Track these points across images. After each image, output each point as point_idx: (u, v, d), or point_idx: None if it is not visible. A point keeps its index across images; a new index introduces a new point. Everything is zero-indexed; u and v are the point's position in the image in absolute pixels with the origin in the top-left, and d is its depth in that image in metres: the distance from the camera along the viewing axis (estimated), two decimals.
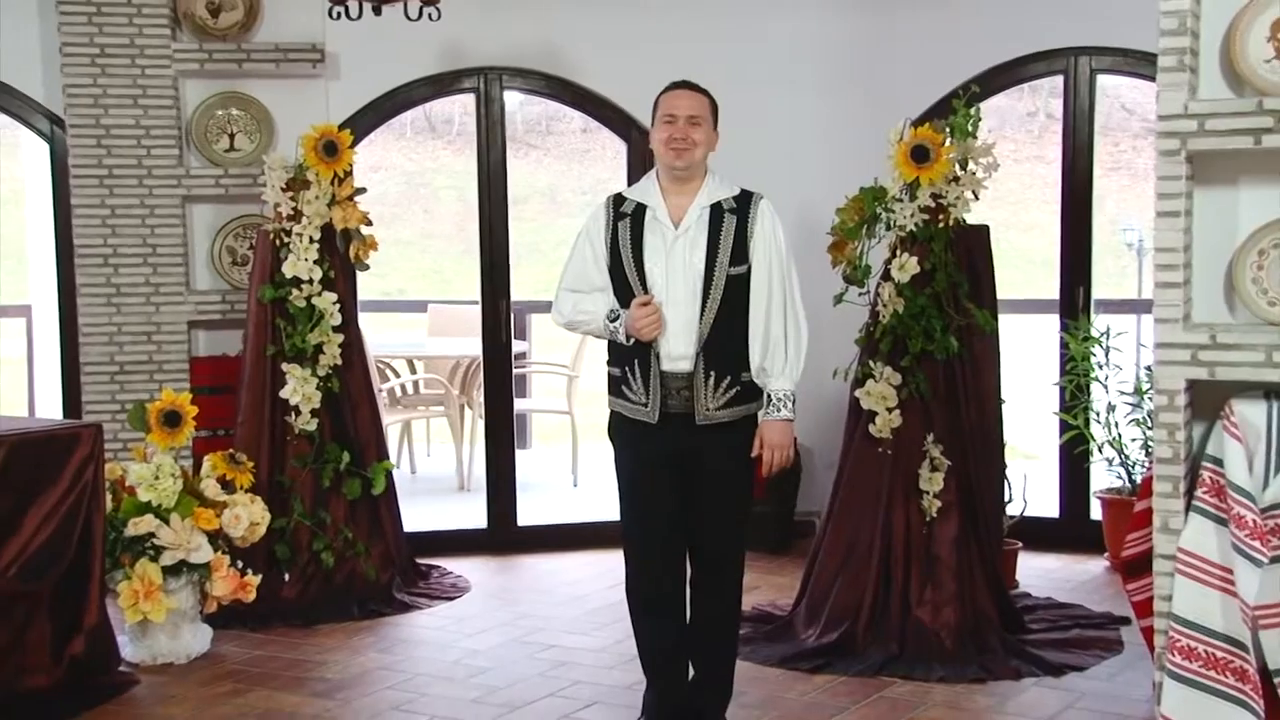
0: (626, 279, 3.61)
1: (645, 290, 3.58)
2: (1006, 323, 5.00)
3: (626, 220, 3.66)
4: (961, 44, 5.83)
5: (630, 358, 3.60)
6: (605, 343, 3.72)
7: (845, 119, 5.93)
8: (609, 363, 3.73)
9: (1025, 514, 5.21)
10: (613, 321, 3.60)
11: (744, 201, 3.65)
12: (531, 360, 8.57)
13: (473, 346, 7.38)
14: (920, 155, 4.49)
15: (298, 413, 5.07)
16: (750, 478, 3.66)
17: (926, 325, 4.49)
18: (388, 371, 7.61)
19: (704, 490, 3.60)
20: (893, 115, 4.83)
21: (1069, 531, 5.81)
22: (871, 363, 4.55)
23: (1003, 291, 4.87)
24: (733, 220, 3.60)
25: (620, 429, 3.69)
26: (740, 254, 3.58)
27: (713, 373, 3.55)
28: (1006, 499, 4.99)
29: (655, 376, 3.56)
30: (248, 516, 4.59)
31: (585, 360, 7.40)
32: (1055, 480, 5.92)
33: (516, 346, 6.34)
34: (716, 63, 5.76)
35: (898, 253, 4.54)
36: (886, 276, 4.57)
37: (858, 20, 5.98)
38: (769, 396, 3.58)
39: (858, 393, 4.58)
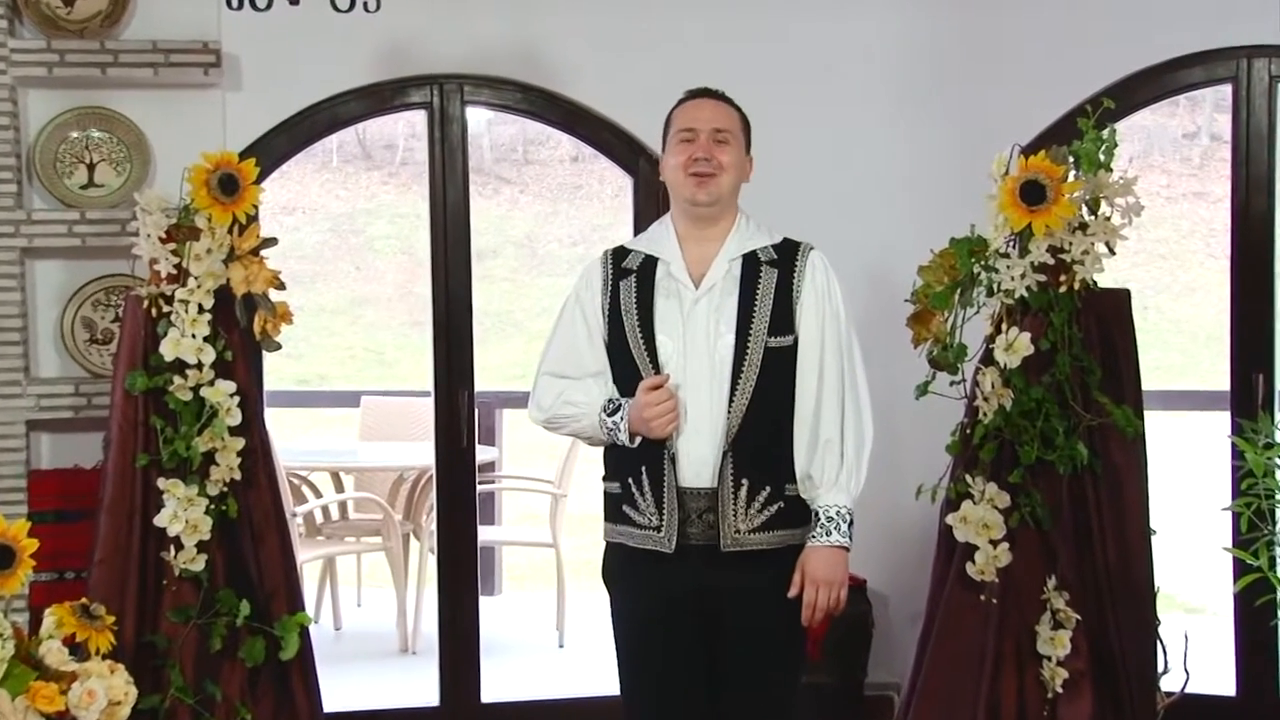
0: (631, 357, 3.64)
1: (656, 369, 3.60)
2: (1157, 423, 5.00)
3: (631, 279, 3.71)
4: (1091, 42, 5.90)
5: (635, 465, 3.62)
6: (601, 452, 3.73)
7: (930, 146, 5.99)
8: (606, 476, 3.74)
9: (1188, 690, 5.16)
10: (611, 415, 3.63)
11: (788, 252, 3.69)
12: (503, 473, 8.58)
13: (421, 454, 7.38)
14: (1034, 194, 4.53)
15: (179, 547, 5.07)
16: (802, 634, 3.65)
17: (1044, 426, 4.50)
18: (305, 489, 7.62)
19: (735, 652, 3.59)
20: (996, 140, 4.87)
21: (1251, 714, 5.76)
22: (969, 478, 4.55)
23: (1150, 380, 4.88)
24: (773, 275, 3.65)
25: (620, 568, 3.70)
26: (783, 320, 3.62)
27: (745, 481, 3.56)
28: (1160, 669, 4.95)
29: (670, 489, 3.57)
30: (105, 693, 4.57)
31: (576, 473, 7.41)
32: (1230, 643, 5.88)
33: (482, 454, 6.35)
34: (753, 72, 5.82)
35: (1003, 327, 4.57)
36: (988, 359, 4.58)
37: (952, 18, 6.03)
38: (817, 515, 3.58)
39: (950, 519, 4.57)
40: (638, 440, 3.62)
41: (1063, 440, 4.49)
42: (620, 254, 3.78)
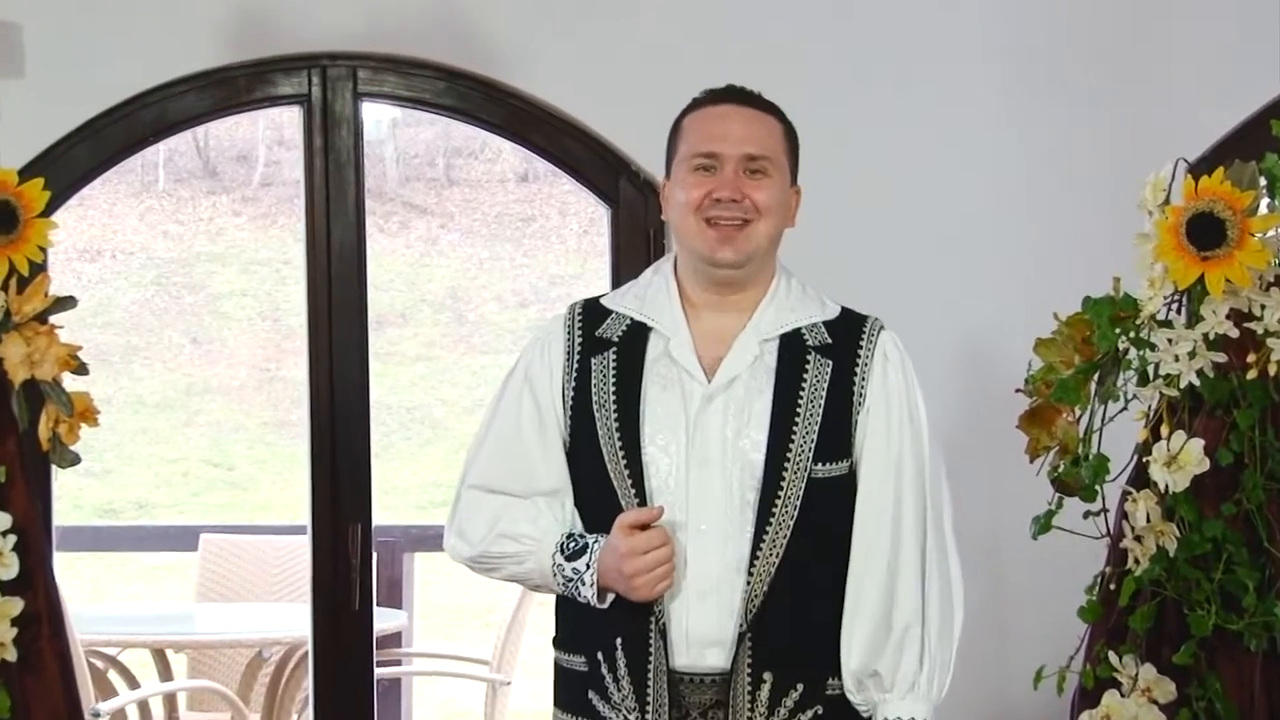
0: (604, 475, 3.66)
1: (643, 498, 3.62)
2: None
3: (608, 355, 3.72)
4: None
5: (608, 635, 3.63)
6: (554, 603, 3.75)
7: (1056, 166, 6.02)
8: (559, 641, 3.76)
9: None
10: (572, 559, 3.62)
11: (849, 332, 3.71)
12: (414, 650, 8.56)
13: (290, 621, 7.37)
14: (1208, 233, 4.55)
15: None
16: None
17: (1226, 580, 4.51)
18: (113, 676, 7.61)
19: None
20: (1150, 156, 4.92)
21: None
22: (1114, 656, 4.57)
23: None
24: (825, 368, 3.66)
25: None
26: (838, 438, 3.65)
27: (768, 676, 3.57)
28: None
29: (659, 674, 3.58)
30: None
31: (524, 647, 7.41)
32: None
33: (383, 621, 6.34)
34: (796, 65, 5.85)
35: (1164, 431, 4.59)
36: (1142, 479, 4.60)
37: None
38: None
39: (1087, 717, 4.58)
40: (609, 599, 3.62)
41: (1254, 600, 4.49)
42: (595, 313, 3.77)
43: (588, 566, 3.59)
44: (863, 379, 3.67)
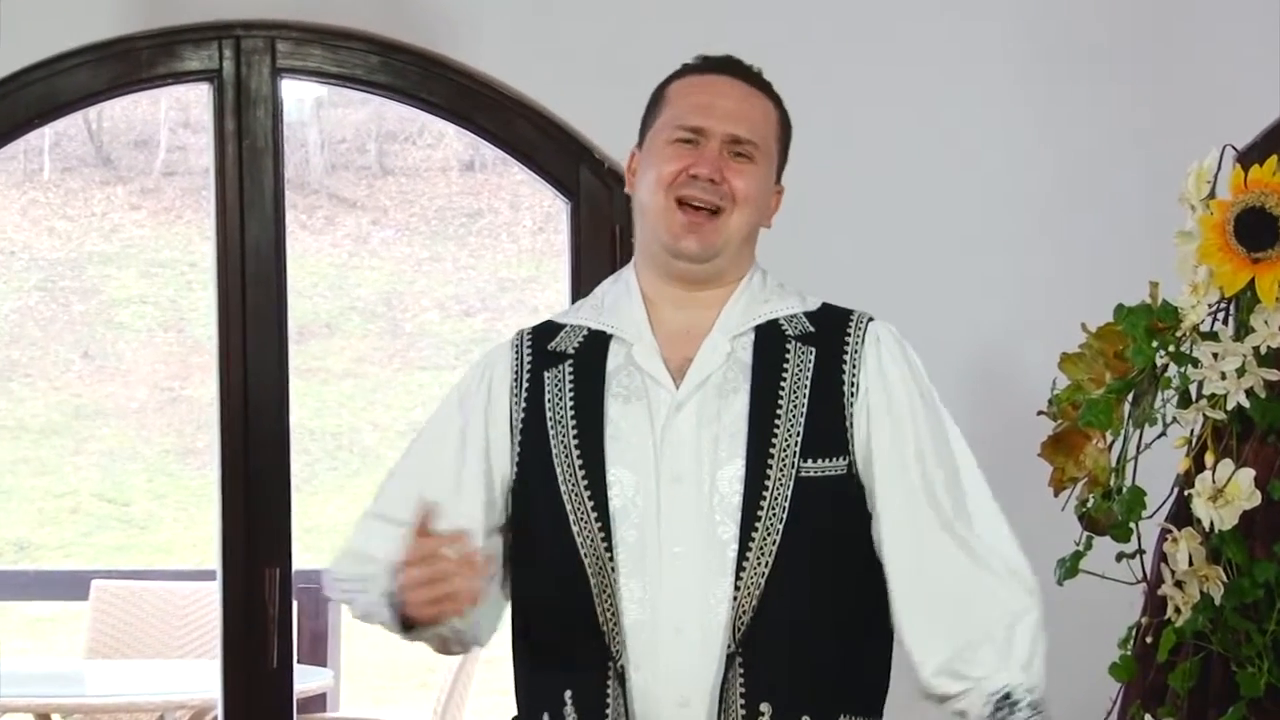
0: (559, 504, 3.64)
1: (605, 522, 3.59)
2: None
3: (563, 369, 3.72)
4: None
5: (556, 689, 3.62)
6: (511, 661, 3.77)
7: (1084, 155, 6.05)
8: (519, 714, 3.75)
9: None
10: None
11: (832, 323, 3.71)
12: (340, 714, 8.55)
13: (197, 680, 7.38)
14: (1257, 231, 4.58)
15: None
16: None
17: None
18: None
19: None
20: (1191, 143, 4.94)
21: None
22: (1150, 719, 4.59)
23: None
24: (808, 356, 3.65)
25: None
26: (829, 431, 3.65)
27: (766, 707, 3.55)
28: None
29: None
30: None
31: (465, 711, 7.40)
32: None
33: (306, 681, 6.34)
34: (787, 40, 5.90)
35: (1208, 460, 4.60)
36: (1182, 516, 4.62)
37: None
38: (1011, 699, 3.57)
39: None
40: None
41: None
42: (547, 331, 3.75)
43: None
44: (853, 366, 3.64)
